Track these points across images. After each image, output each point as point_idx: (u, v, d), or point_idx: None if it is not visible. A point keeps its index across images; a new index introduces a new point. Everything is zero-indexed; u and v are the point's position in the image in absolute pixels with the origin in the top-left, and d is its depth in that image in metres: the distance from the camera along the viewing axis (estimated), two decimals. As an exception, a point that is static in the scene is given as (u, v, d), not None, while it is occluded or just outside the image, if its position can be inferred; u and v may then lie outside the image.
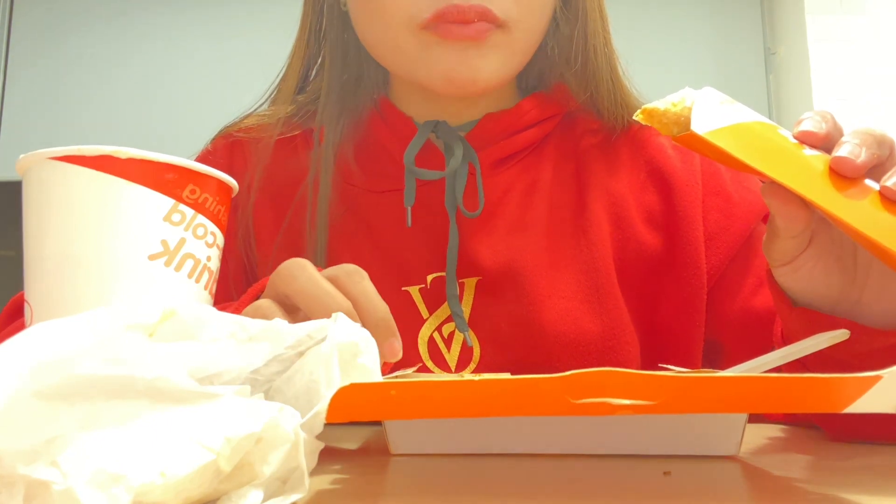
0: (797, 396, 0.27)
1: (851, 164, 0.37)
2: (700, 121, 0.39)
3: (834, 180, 0.37)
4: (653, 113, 0.42)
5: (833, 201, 0.37)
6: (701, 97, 0.41)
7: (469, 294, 0.60)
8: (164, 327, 0.27)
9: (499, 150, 0.62)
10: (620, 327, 0.59)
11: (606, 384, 0.27)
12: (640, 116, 0.42)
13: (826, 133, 0.39)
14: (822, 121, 0.39)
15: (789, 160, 0.38)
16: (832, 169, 0.37)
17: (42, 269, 0.37)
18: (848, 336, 0.38)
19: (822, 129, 0.39)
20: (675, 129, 0.41)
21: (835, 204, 0.37)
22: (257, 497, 0.24)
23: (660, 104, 0.42)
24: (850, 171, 0.37)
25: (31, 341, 0.23)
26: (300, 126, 0.66)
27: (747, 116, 0.41)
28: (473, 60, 0.56)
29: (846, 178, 0.37)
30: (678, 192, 0.62)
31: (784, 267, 0.43)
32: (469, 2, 0.54)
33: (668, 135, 0.42)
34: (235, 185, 0.41)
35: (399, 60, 0.59)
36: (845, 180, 0.37)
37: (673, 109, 0.41)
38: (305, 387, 0.29)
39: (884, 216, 0.36)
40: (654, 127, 0.42)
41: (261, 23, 2.52)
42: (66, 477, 0.21)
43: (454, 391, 0.28)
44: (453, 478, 0.33)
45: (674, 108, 0.41)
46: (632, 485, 0.31)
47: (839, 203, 0.37)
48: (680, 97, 0.42)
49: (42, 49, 2.68)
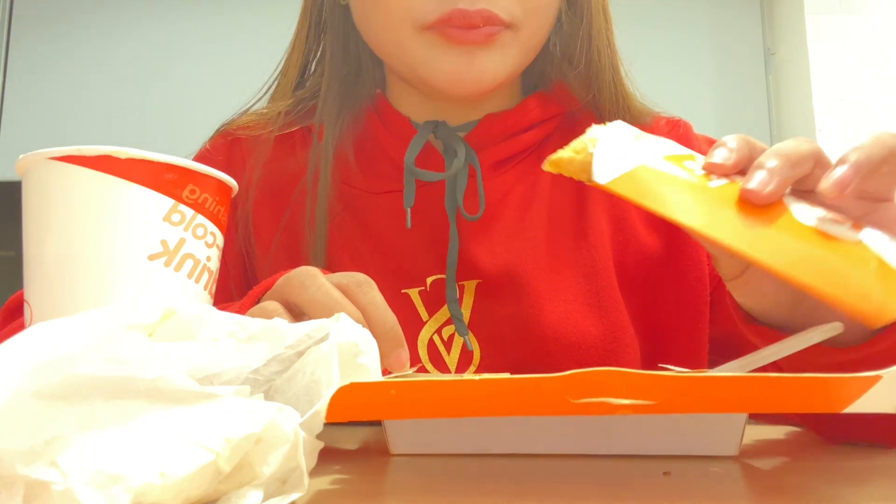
0: (797, 396, 0.27)
1: (758, 195, 0.35)
2: (600, 169, 0.39)
3: (745, 210, 0.36)
4: (559, 163, 0.41)
5: (736, 237, 0.35)
6: (604, 139, 0.40)
7: (469, 297, 0.60)
8: (164, 327, 0.27)
9: (499, 151, 0.62)
10: (621, 330, 0.59)
11: (606, 384, 0.27)
12: (549, 167, 0.41)
13: (735, 163, 0.38)
14: (730, 151, 0.38)
15: (691, 199, 0.37)
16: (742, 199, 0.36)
17: (42, 269, 0.37)
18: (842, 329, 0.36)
19: (730, 160, 0.37)
20: (584, 176, 0.40)
21: (738, 240, 0.35)
22: (257, 497, 0.24)
23: (564, 153, 0.41)
24: (759, 202, 0.36)
25: (31, 341, 0.23)
26: (297, 123, 0.66)
27: (650, 155, 0.39)
28: (479, 61, 0.56)
29: (763, 208, 0.36)
30: None
31: (734, 281, 0.43)
32: (475, 6, 0.54)
33: (582, 180, 0.40)
34: (235, 185, 0.41)
35: (402, 58, 0.59)
36: (757, 208, 0.36)
37: (577, 157, 0.40)
38: (306, 387, 0.29)
39: (791, 244, 0.34)
40: (566, 175, 0.41)
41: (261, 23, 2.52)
42: (65, 477, 0.21)
43: (454, 391, 0.28)
44: (453, 478, 0.33)
45: (577, 155, 0.40)
46: (632, 485, 0.31)
47: (743, 238, 0.35)
48: (583, 142, 0.40)
49: (42, 49, 2.68)
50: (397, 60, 0.60)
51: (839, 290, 0.33)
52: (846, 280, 0.33)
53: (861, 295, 0.33)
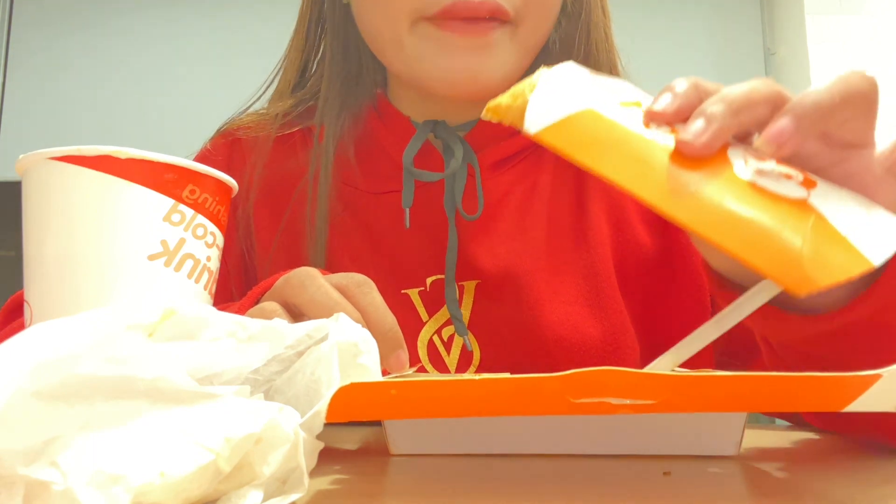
0: (797, 396, 0.27)
1: (691, 147, 0.32)
2: (533, 117, 0.34)
3: (678, 164, 0.32)
4: (497, 110, 0.36)
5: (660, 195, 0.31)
6: (545, 83, 0.36)
7: (468, 297, 0.59)
8: (164, 327, 0.27)
9: (499, 150, 0.62)
10: (621, 331, 0.59)
11: (606, 384, 0.27)
12: (487, 114, 0.37)
13: (677, 110, 0.34)
14: (674, 97, 0.34)
15: (630, 154, 0.33)
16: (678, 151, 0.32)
17: (42, 269, 0.37)
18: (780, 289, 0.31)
19: (672, 107, 0.34)
20: (522, 124, 0.35)
21: (662, 198, 0.31)
22: (257, 497, 0.24)
23: (502, 98, 0.36)
24: (692, 154, 0.32)
25: (31, 341, 0.23)
26: (297, 123, 0.66)
27: (604, 99, 0.35)
28: (473, 62, 0.55)
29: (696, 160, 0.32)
30: None
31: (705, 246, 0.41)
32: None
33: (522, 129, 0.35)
34: (235, 185, 0.41)
35: (398, 56, 0.58)
36: (693, 161, 0.32)
37: (515, 104, 0.36)
38: (306, 387, 0.29)
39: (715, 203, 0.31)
40: (507, 123, 0.36)
41: (261, 23, 2.52)
42: (65, 477, 0.21)
43: (454, 391, 0.28)
44: (453, 478, 0.33)
45: (514, 101, 0.36)
46: (632, 485, 0.31)
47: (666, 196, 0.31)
48: (521, 87, 0.36)
49: (42, 49, 2.68)
50: (394, 58, 0.59)
51: (758, 255, 0.29)
52: (768, 244, 0.30)
53: (783, 262, 0.29)
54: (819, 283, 0.29)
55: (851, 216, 0.31)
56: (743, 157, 0.33)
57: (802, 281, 0.29)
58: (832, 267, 0.29)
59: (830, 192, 0.32)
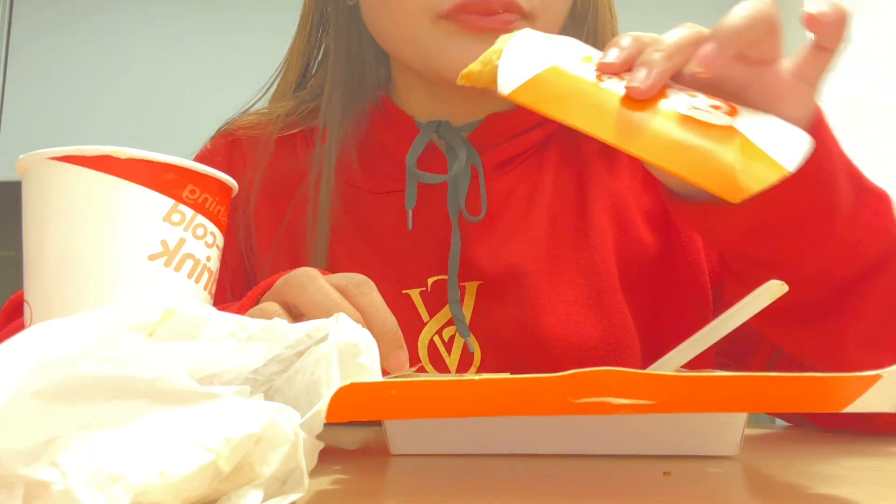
0: (797, 396, 0.27)
1: (637, 91, 0.38)
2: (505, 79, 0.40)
3: (628, 106, 0.38)
4: (470, 76, 0.42)
5: (614, 133, 0.37)
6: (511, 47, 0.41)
7: (470, 298, 0.59)
8: (164, 327, 0.27)
9: (502, 151, 0.62)
10: (622, 331, 0.58)
11: (606, 384, 0.27)
12: (462, 81, 0.43)
13: (623, 61, 0.40)
14: (620, 49, 0.40)
15: (588, 102, 0.39)
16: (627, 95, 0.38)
17: (42, 269, 0.37)
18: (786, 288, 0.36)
19: (620, 58, 0.40)
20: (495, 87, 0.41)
21: (616, 135, 0.37)
22: (257, 497, 0.24)
23: (473, 66, 0.42)
24: (639, 97, 0.38)
25: (31, 341, 0.23)
26: (299, 124, 0.66)
27: (566, 56, 0.41)
28: None
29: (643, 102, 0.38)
30: None
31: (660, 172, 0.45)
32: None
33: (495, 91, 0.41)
34: (235, 186, 0.41)
35: (415, 52, 0.58)
36: (639, 103, 0.38)
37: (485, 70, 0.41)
38: (306, 387, 0.29)
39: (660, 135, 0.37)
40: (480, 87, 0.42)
41: (261, 23, 2.52)
42: (65, 477, 0.21)
43: (454, 391, 0.28)
44: (453, 478, 0.33)
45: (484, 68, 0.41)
46: (632, 485, 0.31)
47: (620, 133, 0.37)
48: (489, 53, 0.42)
49: (42, 49, 2.68)
50: (411, 55, 0.59)
51: (699, 174, 0.36)
52: (706, 163, 0.36)
53: (720, 176, 0.35)
54: (751, 191, 0.35)
55: (768, 134, 0.37)
56: (680, 96, 0.39)
57: (737, 190, 0.35)
58: (759, 176, 0.35)
59: (750, 116, 0.39)
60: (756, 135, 0.37)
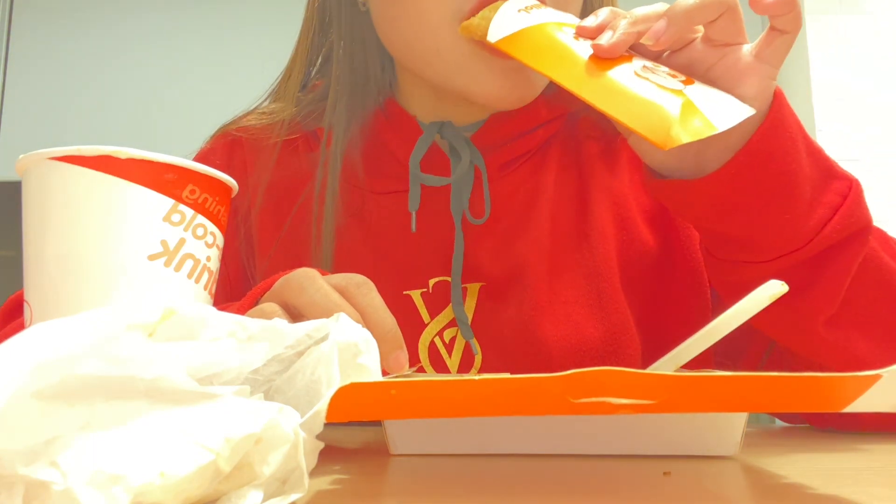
0: (797, 396, 0.27)
1: (600, 48, 0.44)
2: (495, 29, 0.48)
3: (594, 63, 0.44)
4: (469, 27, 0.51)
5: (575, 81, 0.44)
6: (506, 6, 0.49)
7: (472, 299, 0.59)
8: (164, 327, 0.27)
9: (505, 152, 0.62)
10: (622, 332, 0.58)
11: (606, 384, 0.27)
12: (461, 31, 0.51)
13: (597, 26, 0.45)
14: (597, 16, 0.46)
15: (561, 55, 0.45)
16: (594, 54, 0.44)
17: (42, 269, 0.37)
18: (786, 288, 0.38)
19: (593, 23, 0.46)
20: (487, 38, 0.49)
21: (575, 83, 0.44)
22: (257, 497, 0.24)
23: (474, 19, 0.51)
24: (602, 54, 0.44)
25: (31, 341, 0.23)
26: (302, 128, 0.66)
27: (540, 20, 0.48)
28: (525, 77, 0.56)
29: (608, 59, 0.44)
30: None
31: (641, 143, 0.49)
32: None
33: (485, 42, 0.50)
34: (235, 186, 0.41)
35: (435, 66, 0.57)
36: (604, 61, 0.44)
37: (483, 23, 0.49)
38: (306, 387, 0.29)
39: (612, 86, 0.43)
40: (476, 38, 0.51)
41: (262, 23, 2.52)
42: (65, 477, 0.21)
43: (454, 391, 0.28)
44: (453, 478, 0.33)
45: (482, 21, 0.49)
46: (632, 485, 0.31)
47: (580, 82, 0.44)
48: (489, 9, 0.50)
49: (42, 49, 2.68)
50: (429, 68, 0.58)
51: (638, 120, 0.41)
52: (646, 112, 0.41)
53: (656, 124, 0.41)
54: (679, 140, 0.40)
55: (711, 101, 0.42)
56: (643, 62, 0.45)
57: (668, 139, 0.40)
58: (690, 130, 0.40)
59: (703, 87, 0.43)
60: (700, 99, 0.42)
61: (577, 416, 0.35)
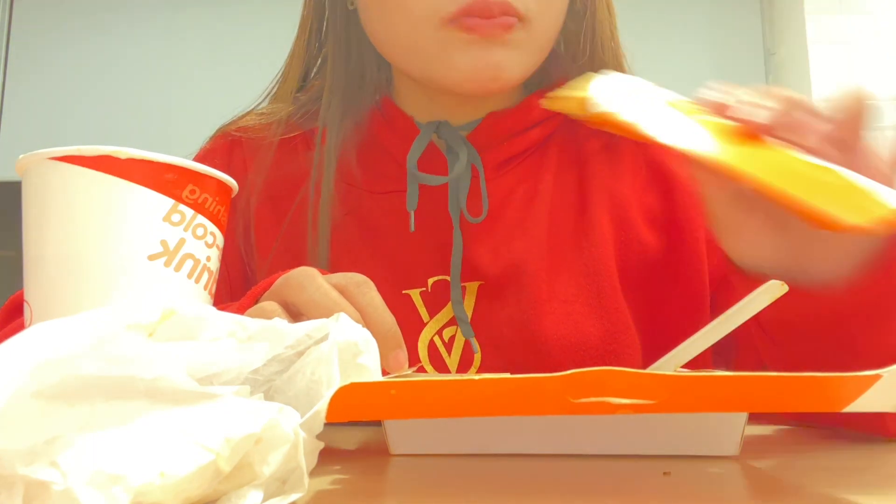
0: (797, 396, 0.27)
1: (752, 122, 0.39)
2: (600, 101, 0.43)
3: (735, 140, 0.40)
4: (556, 100, 0.46)
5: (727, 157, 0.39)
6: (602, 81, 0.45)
7: (470, 298, 0.59)
8: (164, 327, 0.27)
9: (502, 151, 0.62)
10: (622, 330, 0.58)
11: (606, 383, 0.27)
12: (546, 103, 0.46)
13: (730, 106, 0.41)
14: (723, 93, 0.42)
15: (688, 130, 0.41)
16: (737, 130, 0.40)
17: (42, 269, 0.37)
18: (786, 289, 0.37)
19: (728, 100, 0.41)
20: (581, 111, 0.44)
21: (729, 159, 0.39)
22: (257, 497, 0.24)
23: (563, 91, 0.46)
24: (751, 128, 0.39)
25: (31, 341, 0.23)
26: (299, 127, 0.66)
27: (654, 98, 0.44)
28: (496, 57, 0.55)
29: (749, 136, 0.40)
30: (679, 193, 0.62)
31: (729, 236, 0.45)
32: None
33: (578, 117, 0.44)
34: (235, 186, 0.41)
35: (414, 60, 0.58)
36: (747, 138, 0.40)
37: (575, 95, 0.44)
38: (306, 387, 0.29)
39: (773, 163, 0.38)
40: (563, 111, 0.46)
41: (261, 24, 2.52)
42: (65, 477, 0.21)
43: (454, 391, 0.28)
44: (453, 478, 0.33)
45: (573, 93, 0.44)
46: (632, 485, 0.31)
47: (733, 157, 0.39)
48: (578, 82, 0.45)
49: (42, 49, 2.68)
50: (409, 62, 0.59)
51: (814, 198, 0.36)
52: (823, 187, 0.37)
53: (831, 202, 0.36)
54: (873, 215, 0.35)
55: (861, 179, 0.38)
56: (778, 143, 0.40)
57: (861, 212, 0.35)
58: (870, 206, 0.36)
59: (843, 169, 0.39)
60: (855, 177, 0.38)
61: (577, 416, 0.35)
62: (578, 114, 0.43)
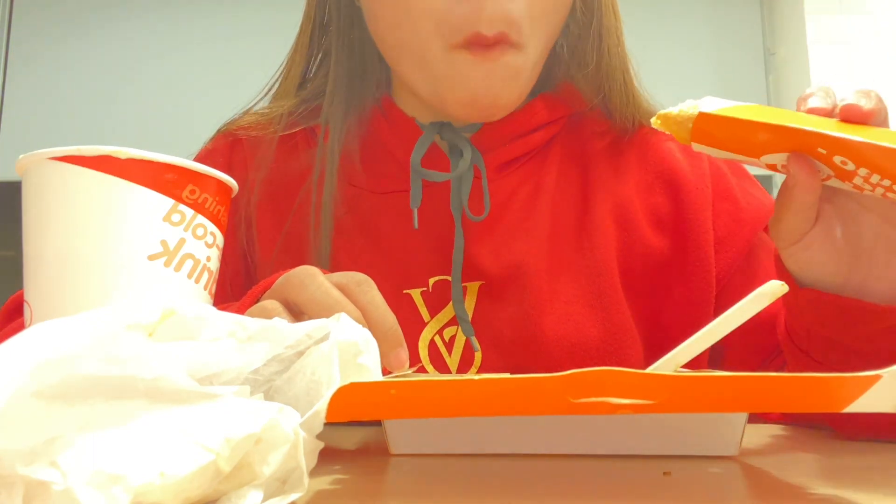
0: (797, 396, 0.27)
1: (859, 110, 0.39)
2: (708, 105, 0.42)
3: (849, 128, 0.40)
4: (667, 117, 0.44)
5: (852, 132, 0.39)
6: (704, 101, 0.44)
7: (471, 298, 0.59)
8: (163, 327, 0.27)
9: (505, 152, 0.62)
10: (623, 331, 0.58)
11: (606, 383, 0.27)
12: (657, 122, 0.45)
13: (832, 106, 0.41)
14: (826, 95, 0.42)
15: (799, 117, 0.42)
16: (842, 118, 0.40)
17: (42, 269, 0.37)
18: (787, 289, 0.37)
19: (828, 103, 0.41)
20: (685, 134, 0.44)
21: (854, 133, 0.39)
22: (257, 497, 0.24)
23: (674, 109, 0.44)
24: (859, 117, 0.40)
25: (31, 341, 0.23)
26: (300, 123, 0.66)
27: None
28: (496, 87, 0.55)
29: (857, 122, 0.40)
30: (687, 195, 0.62)
31: (793, 246, 0.44)
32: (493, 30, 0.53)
33: (681, 139, 0.44)
34: (235, 186, 0.41)
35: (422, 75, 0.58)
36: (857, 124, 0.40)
37: (684, 113, 0.44)
38: (306, 386, 0.29)
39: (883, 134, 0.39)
40: (669, 132, 0.45)
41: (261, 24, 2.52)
42: (65, 477, 0.21)
43: (454, 391, 0.28)
44: (453, 478, 0.33)
45: (681, 113, 0.44)
46: (632, 485, 0.31)
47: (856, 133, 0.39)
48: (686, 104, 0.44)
49: (42, 49, 2.68)
50: (416, 77, 0.59)
51: None
52: None
53: None
54: None
55: None
56: None
57: None
58: None
59: None
60: None
61: (577, 416, 0.35)
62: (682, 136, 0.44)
